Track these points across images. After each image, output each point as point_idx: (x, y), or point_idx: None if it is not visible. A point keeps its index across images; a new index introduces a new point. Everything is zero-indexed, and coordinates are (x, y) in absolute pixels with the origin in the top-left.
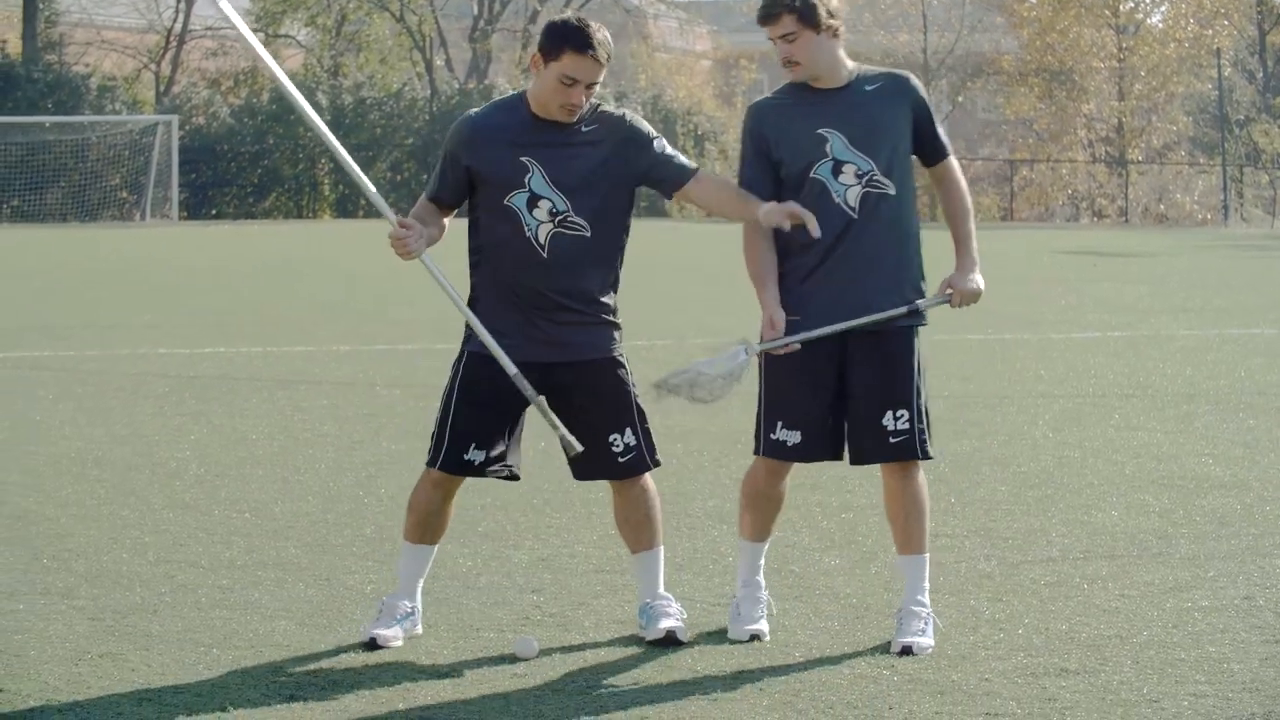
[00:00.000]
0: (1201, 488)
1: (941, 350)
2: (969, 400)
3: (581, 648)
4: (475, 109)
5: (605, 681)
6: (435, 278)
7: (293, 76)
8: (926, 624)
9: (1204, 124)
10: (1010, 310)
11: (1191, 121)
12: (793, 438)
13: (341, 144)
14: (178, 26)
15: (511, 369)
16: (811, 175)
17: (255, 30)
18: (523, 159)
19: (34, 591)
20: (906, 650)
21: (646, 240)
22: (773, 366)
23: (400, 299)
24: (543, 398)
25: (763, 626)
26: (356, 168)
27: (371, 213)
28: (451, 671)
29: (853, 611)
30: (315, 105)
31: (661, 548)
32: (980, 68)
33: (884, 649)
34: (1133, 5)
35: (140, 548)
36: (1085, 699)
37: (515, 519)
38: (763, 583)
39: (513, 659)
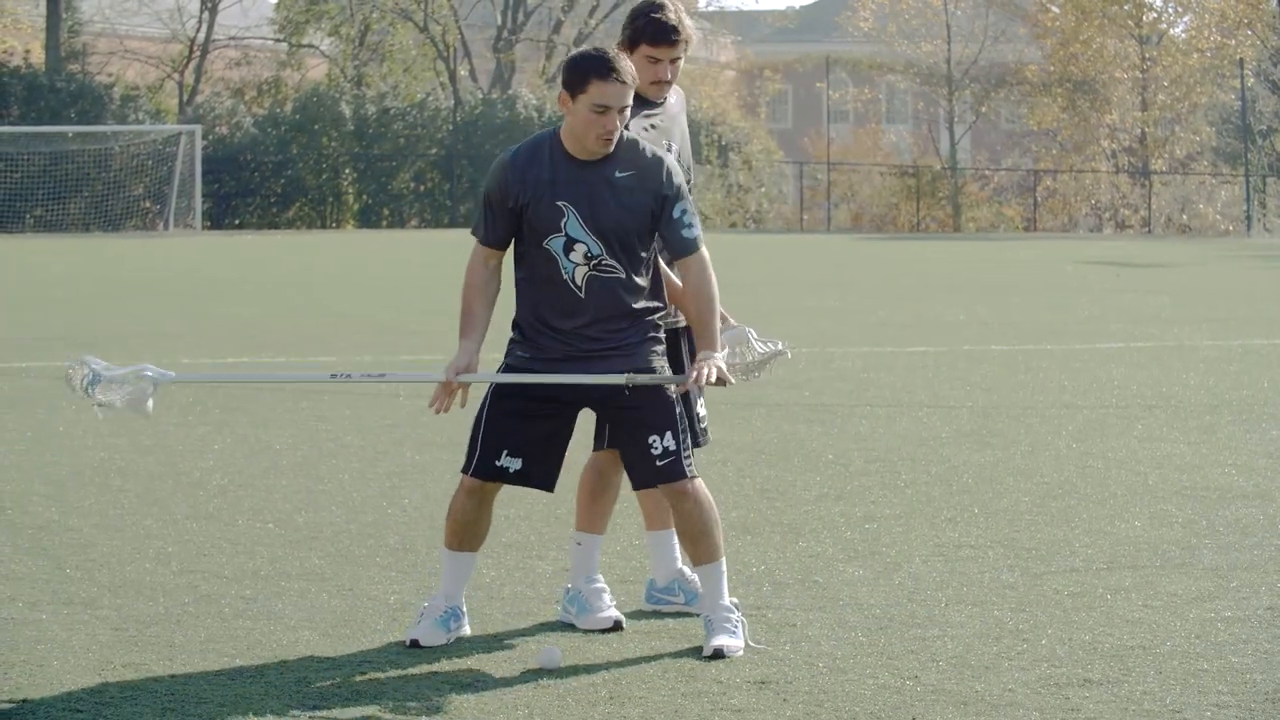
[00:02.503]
0: (1225, 498)
1: (965, 361)
2: (992, 411)
3: (606, 659)
4: (510, 150)
5: (629, 693)
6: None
7: (316, 86)
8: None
9: (1227, 134)
10: (1033, 321)
11: (1215, 132)
12: None
13: (365, 154)
14: (201, 36)
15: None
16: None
17: (279, 40)
18: (559, 203)
19: (57, 601)
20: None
21: None
22: None
23: (423, 310)
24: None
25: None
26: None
27: (395, 223)
28: (475, 682)
29: (876, 622)
30: (338, 115)
31: (723, 561)
32: (1004, 78)
33: (908, 660)
34: (1156, 16)
35: (164, 558)
36: (1108, 710)
37: (540, 530)
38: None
39: (537, 670)
